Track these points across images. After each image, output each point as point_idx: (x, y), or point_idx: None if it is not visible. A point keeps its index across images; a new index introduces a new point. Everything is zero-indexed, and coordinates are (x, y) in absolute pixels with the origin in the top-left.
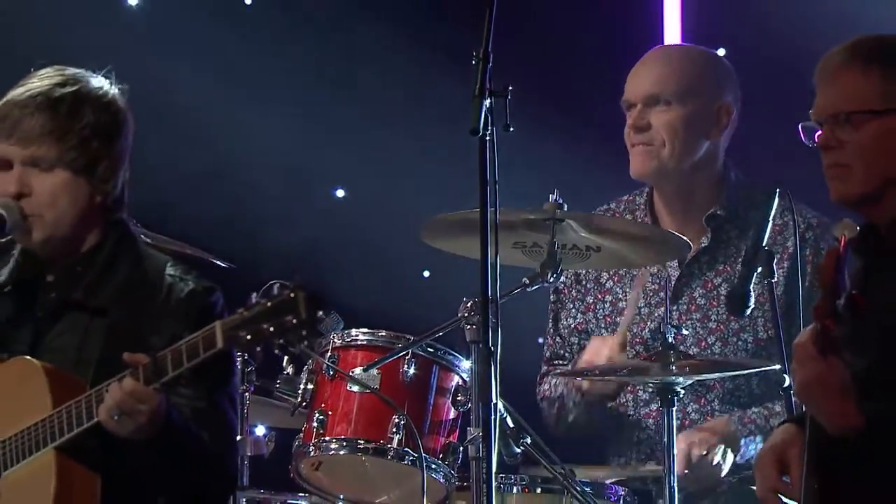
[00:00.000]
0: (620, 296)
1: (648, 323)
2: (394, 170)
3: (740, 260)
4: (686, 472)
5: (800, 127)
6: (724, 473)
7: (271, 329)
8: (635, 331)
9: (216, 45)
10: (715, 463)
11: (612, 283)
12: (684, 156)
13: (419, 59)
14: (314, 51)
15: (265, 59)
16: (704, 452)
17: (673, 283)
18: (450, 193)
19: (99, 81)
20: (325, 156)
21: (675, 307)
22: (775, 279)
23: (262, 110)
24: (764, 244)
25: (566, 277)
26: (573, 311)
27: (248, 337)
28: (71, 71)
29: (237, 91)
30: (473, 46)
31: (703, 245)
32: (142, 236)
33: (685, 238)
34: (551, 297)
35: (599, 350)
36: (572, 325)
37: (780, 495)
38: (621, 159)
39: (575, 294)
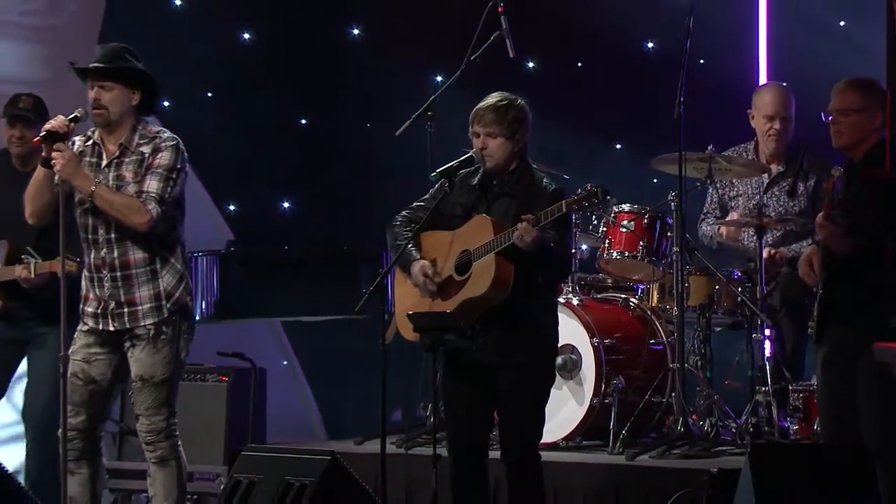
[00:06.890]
0: (740, 191)
1: (752, 203)
2: (642, 137)
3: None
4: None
5: (822, 115)
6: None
7: (587, 204)
8: (750, 206)
9: None
10: (790, 257)
11: (737, 183)
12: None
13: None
14: None
15: None
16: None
17: (765, 185)
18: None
19: (517, 98)
20: (605, 120)
21: (766, 194)
22: (809, 183)
23: None
24: (803, 168)
25: (717, 180)
26: (719, 191)
27: (576, 207)
28: (506, 94)
29: None
30: None
31: (780, 170)
32: (533, 165)
33: (772, 167)
34: (710, 186)
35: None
36: (717, 200)
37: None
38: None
39: (719, 185)
